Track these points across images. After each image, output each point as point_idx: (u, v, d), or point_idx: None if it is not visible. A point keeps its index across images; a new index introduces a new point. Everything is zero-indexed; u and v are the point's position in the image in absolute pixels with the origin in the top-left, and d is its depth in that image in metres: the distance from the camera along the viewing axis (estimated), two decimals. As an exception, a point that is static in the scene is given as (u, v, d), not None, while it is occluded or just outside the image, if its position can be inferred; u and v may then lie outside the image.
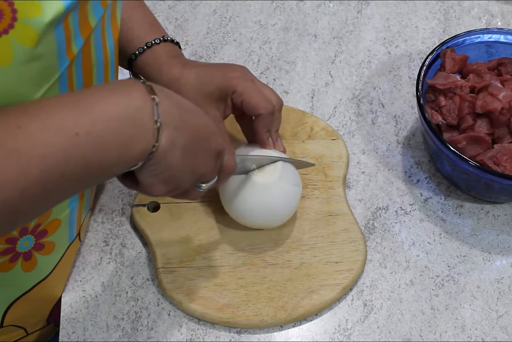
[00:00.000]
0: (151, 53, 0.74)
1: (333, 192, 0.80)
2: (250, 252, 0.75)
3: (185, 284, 0.73)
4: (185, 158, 0.54)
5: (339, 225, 0.77)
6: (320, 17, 1.00)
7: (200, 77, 0.73)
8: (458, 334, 0.73)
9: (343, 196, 0.80)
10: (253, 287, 0.73)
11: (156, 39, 0.74)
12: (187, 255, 0.75)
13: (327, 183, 0.80)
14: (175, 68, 0.73)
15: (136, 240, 0.78)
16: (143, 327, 0.72)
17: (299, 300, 0.72)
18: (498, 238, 0.80)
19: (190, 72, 0.73)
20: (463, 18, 1.00)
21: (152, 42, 0.74)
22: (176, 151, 0.52)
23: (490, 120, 0.78)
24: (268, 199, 0.71)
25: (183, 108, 0.54)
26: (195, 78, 0.73)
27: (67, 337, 0.72)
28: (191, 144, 0.54)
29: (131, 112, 0.49)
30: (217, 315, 0.71)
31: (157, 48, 0.74)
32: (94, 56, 0.58)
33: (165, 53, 0.74)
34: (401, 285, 0.76)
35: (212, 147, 0.57)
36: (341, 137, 0.84)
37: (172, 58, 0.74)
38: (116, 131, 0.48)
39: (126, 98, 0.49)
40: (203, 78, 0.72)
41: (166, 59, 0.74)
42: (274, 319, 0.71)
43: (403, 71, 0.94)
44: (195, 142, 0.54)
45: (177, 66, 0.74)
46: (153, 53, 0.74)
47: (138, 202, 0.78)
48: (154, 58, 0.74)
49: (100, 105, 0.48)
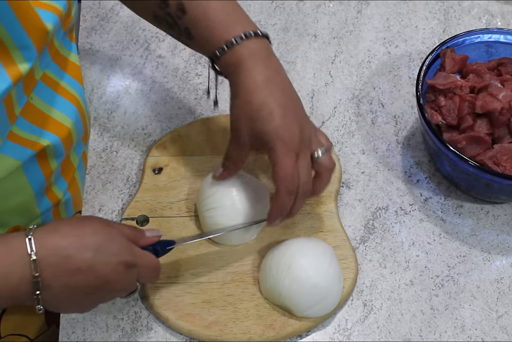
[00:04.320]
0: (233, 54, 0.67)
1: (325, 208, 0.79)
2: (239, 268, 0.74)
3: (172, 300, 0.72)
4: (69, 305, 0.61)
5: (331, 242, 0.76)
6: (320, 17, 1.00)
7: (253, 117, 0.66)
8: (458, 334, 0.73)
9: (335, 211, 0.79)
10: (241, 304, 0.72)
11: (236, 39, 0.67)
12: (175, 271, 0.74)
13: (319, 198, 0.79)
14: (248, 83, 0.67)
15: (136, 240, 0.78)
16: (143, 327, 0.72)
17: (288, 319, 0.71)
18: (498, 238, 0.80)
19: (253, 100, 0.66)
20: (463, 18, 1.00)
21: (233, 40, 0.67)
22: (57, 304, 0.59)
23: (490, 120, 0.78)
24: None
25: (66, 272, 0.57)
26: (249, 112, 0.67)
27: (67, 337, 0.72)
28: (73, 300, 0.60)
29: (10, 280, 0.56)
30: (204, 333, 0.70)
31: (239, 48, 0.67)
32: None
33: (248, 53, 0.67)
34: (401, 285, 0.76)
35: (106, 294, 0.62)
36: (333, 151, 0.84)
37: (253, 61, 0.67)
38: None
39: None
40: (256, 122, 0.66)
41: (247, 62, 0.67)
42: (262, 338, 0.70)
43: (403, 71, 0.94)
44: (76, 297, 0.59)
45: (251, 80, 0.67)
46: (235, 54, 0.67)
47: (127, 215, 0.77)
48: (236, 60, 0.67)
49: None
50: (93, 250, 0.58)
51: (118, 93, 0.91)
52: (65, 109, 0.67)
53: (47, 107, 0.64)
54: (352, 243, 0.78)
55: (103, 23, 0.98)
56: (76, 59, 0.70)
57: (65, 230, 0.59)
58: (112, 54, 0.95)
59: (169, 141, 0.83)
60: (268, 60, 0.68)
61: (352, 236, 0.79)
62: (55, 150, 0.66)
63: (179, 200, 0.79)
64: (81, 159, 0.78)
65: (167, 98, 0.90)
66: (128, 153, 0.85)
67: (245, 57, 0.67)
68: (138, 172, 0.83)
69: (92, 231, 0.59)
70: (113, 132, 0.87)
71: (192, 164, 0.82)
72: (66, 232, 0.59)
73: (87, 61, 0.93)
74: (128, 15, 0.98)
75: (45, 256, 0.56)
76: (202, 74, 0.93)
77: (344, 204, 0.82)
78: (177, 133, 0.84)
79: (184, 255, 0.75)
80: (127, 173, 0.83)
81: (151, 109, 0.89)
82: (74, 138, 0.69)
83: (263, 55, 0.68)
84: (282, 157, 0.65)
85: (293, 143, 0.65)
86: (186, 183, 0.80)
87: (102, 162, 0.84)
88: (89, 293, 0.59)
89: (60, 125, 0.66)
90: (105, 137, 0.86)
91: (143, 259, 0.63)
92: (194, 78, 0.92)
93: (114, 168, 0.83)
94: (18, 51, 0.53)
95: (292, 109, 0.67)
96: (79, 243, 0.58)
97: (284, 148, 0.65)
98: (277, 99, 0.66)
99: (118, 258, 0.60)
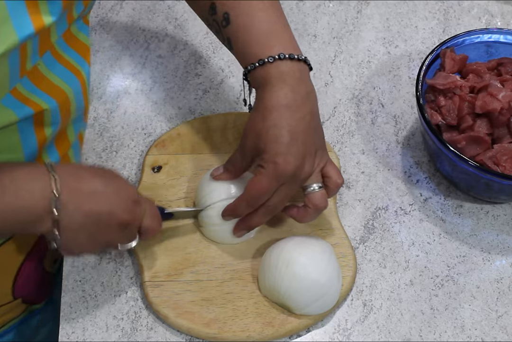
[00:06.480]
0: (262, 72, 0.67)
1: None
2: (238, 266, 0.74)
3: (171, 298, 0.72)
4: (82, 235, 0.62)
5: (330, 240, 0.76)
6: (320, 17, 1.00)
7: (261, 134, 0.67)
8: (458, 334, 0.73)
9: (334, 210, 0.79)
10: (240, 302, 0.72)
11: (269, 58, 0.66)
12: (174, 269, 0.74)
13: None
14: (269, 102, 0.67)
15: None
16: (143, 327, 0.72)
17: (287, 316, 0.71)
18: (498, 238, 0.80)
19: (267, 119, 0.67)
20: (463, 18, 1.00)
21: (265, 59, 0.67)
22: (72, 232, 0.61)
23: (489, 121, 0.78)
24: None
25: (82, 194, 0.61)
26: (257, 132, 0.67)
27: (67, 337, 0.72)
28: (86, 227, 0.62)
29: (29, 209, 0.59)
30: (204, 330, 0.70)
31: (269, 67, 0.67)
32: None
33: (277, 74, 0.67)
34: (400, 285, 0.76)
35: (112, 225, 0.63)
36: (333, 150, 0.84)
37: (280, 83, 0.67)
38: (17, 220, 0.59)
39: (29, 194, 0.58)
40: (261, 140, 0.67)
41: (274, 82, 0.67)
42: (261, 335, 0.70)
43: (402, 71, 0.94)
44: (89, 225, 0.62)
45: (273, 100, 0.67)
46: (264, 72, 0.67)
47: None
48: (264, 78, 0.67)
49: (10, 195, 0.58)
50: (107, 179, 0.63)
51: (118, 93, 0.91)
52: (66, 77, 0.68)
53: (49, 73, 0.66)
54: (352, 243, 0.78)
55: (103, 23, 0.98)
56: (86, 39, 0.71)
57: (84, 167, 0.66)
58: (112, 54, 0.95)
59: (168, 140, 0.83)
60: (297, 85, 0.67)
61: (352, 236, 0.79)
62: (52, 115, 0.68)
63: (178, 198, 0.79)
64: (78, 140, 0.79)
65: (167, 98, 0.90)
66: (128, 153, 0.85)
67: (273, 77, 0.67)
68: (138, 171, 0.83)
69: (102, 171, 0.66)
70: (113, 132, 0.87)
71: (191, 162, 0.82)
72: (85, 167, 0.66)
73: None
74: (128, 15, 0.98)
75: (64, 177, 0.60)
76: (202, 74, 0.93)
77: (344, 204, 0.82)
78: (176, 132, 0.84)
79: (183, 253, 0.75)
80: (127, 172, 0.83)
81: (151, 109, 0.89)
82: (73, 108, 0.71)
83: (294, 79, 0.67)
84: (264, 176, 0.66)
85: (284, 172, 0.66)
86: (185, 181, 0.80)
87: (102, 162, 0.84)
88: (99, 220, 0.62)
89: (59, 90, 0.68)
90: (105, 137, 0.86)
91: (147, 203, 0.68)
92: (194, 78, 0.92)
93: (114, 168, 0.83)
94: (45, 2, 0.55)
95: (302, 140, 0.66)
96: (94, 171, 0.64)
97: (272, 171, 0.66)
98: (291, 126, 0.66)
99: (127, 193, 0.64)
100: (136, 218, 0.65)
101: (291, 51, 0.67)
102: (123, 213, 0.63)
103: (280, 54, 0.66)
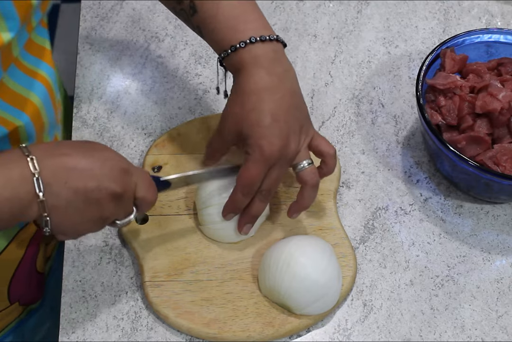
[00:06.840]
0: (236, 58, 0.68)
1: (324, 206, 0.79)
2: (238, 266, 0.74)
3: (171, 298, 0.72)
4: (73, 214, 0.59)
5: (330, 240, 0.76)
6: (320, 17, 1.00)
7: (242, 118, 0.67)
8: (458, 334, 0.73)
9: (334, 209, 0.79)
10: (240, 302, 0.72)
11: (240, 43, 0.67)
12: (174, 269, 0.74)
13: (318, 196, 0.78)
14: (246, 86, 0.67)
15: (135, 240, 0.78)
16: (143, 327, 0.72)
17: (287, 316, 0.71)
18: (498, 238, 0.80)
19: (246, 103, 0.67)
20: (463, 18, 1.00)
21: (237, 45, 0.67)
22: (61, 212, 0.58)
23: (489, 121, 0.78)
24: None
25: (64, 170, 0.58)
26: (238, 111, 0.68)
27: (67, 337, 0.72)
28: (75, 205, 0.58)
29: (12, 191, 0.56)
30: (204, 330, 0.70)
31: (242, 52, 0.67)
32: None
33: (250, 58, 0.67)
34: (400, 285, 0.76)
35: (103, 198, 0.59)
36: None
37: (255, 67, 0.67)
38: (3, 211, 0.56)
39: (6, 177, 0.56)
40: (243, 124, 0.67)
41: (248, 67, 0.67)
42: (261, 335, 0.70)
43: (403, 71, 0.94)
44: (78, 202, 0.58)
45: (250, 84, 0.67)
46: (237, 58, 0.68)
47: None
48: (239, 63, 0.68)
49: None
50: (90, 151, 0.60)
51: (118, 93, 0.91)
52: (30, 85, 0.66)
53: (14, 84, 0.64)
54: (352, 243, 0.78)
55: (103, 23, 0.98)
56: (43, 42, 0.69)
57: (63, 142, 0.64)
58: (112, 54, 0.95)
59: (168, 140, 0.83)
60: (273, 66, 0.67)
61: (352, 236, 0.79)
62: (27, 130, 0.66)
63: (178, 198, 0.79)
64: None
65: (167, 98, 0.90)
66: (128, 153, 0.85)
67: (247, 62, 0.67)
68: (138, 171, 0.83)
69: (83, 144, 0.62)
70: (113, 132, 0.87)
71: (191, 162, 0.82)
72: (64, 142, 0.64)
73: (87, 61, 0.93)
74: (128, 15, 0.98)
75: (42, 156, 0.57)
76: (202, 74, 0.93)
77: (344, 204, 0.82)
78: (176, 132, 0.84)
79: (183, 253, 0.75)
80: (127, 172, 0.83)
81: (151, 109, 0.89)
82: (45, 118, 0.69)
83: (268, 61, 0.67)
84: (252, 163, 0.66)
85: (270, 155, 0.66)
86: None
87: (102, 162, 0.84)
88: (88, 195, 0.58)
89: (27, 102, 0.66)
90: (105, 137, 0.86)
91: (139, 172, 0.64)
92: (194, 78, 0.92)
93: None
94: (3, 20, 0.54)
95: (284, 120, 0.67)
96: (74, 145, 0.61)
97: (258, 156, 0.66)
98: (270, 108, 0.66)
99: (115, 163, 0.61)
100: (128, 188, 0.61)
101: (261, 32, 0.67)
102: (112, 184, 0.59)
103: (251, 38, 0.66)
